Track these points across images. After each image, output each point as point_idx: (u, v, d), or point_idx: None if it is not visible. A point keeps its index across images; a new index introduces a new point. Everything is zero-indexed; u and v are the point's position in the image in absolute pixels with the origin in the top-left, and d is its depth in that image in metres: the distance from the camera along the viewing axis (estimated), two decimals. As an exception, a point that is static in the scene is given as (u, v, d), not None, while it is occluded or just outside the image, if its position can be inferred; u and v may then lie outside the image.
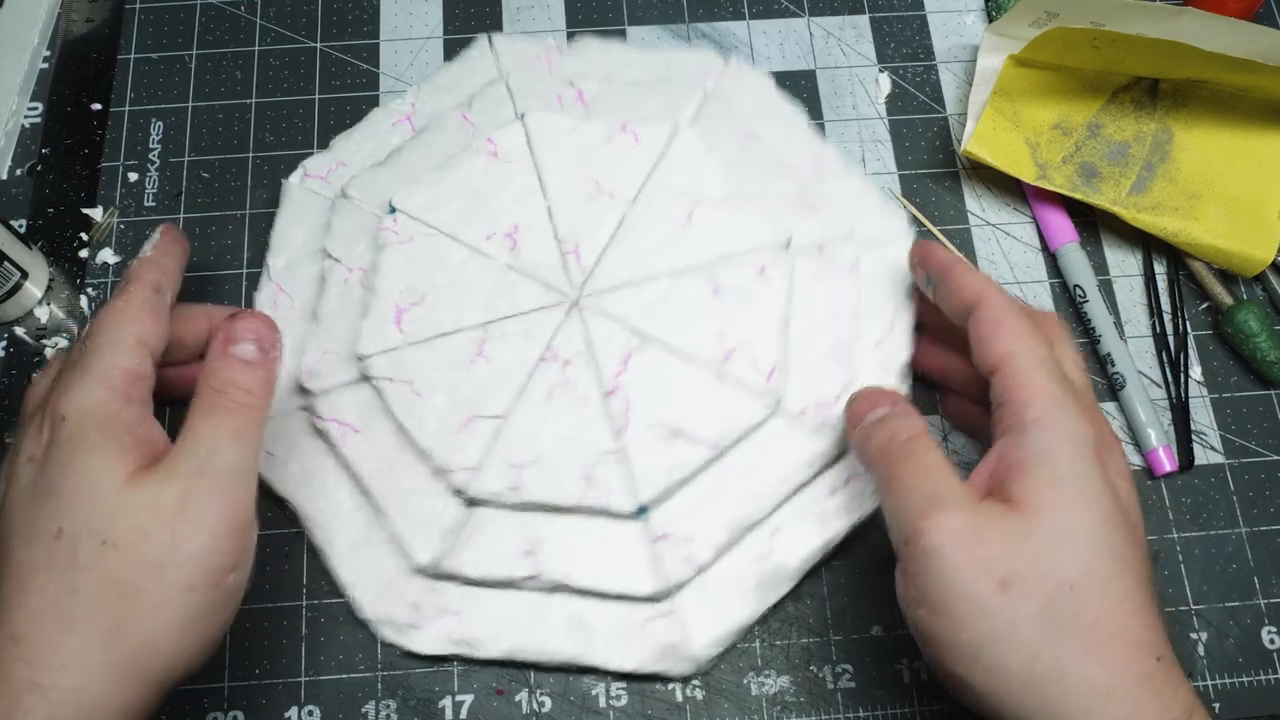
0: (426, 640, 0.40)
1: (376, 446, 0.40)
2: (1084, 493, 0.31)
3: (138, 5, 0.52)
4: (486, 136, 0.43)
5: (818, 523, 0.40)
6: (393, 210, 0.42)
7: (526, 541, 0.39)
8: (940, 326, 0.40)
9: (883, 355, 0.42)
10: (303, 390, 0.41)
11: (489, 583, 0.40)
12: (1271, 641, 0.42)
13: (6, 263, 0.44)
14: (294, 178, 0.45)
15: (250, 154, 0.49)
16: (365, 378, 0.40)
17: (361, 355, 0.40)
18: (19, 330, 0.46)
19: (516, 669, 0.41)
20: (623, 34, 0.52)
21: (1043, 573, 0.30)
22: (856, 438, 0.36)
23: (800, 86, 0.51)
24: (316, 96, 0.50)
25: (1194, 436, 0.45)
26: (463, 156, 0.43)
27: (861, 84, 0.51)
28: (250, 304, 0.45)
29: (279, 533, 0.42)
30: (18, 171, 0.49)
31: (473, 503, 0.39)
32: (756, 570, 0.40)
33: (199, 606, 0.31)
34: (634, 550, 0.39)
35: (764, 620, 0.42)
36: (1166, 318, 0.46)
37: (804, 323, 0.41)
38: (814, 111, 0.50)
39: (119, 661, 0.30)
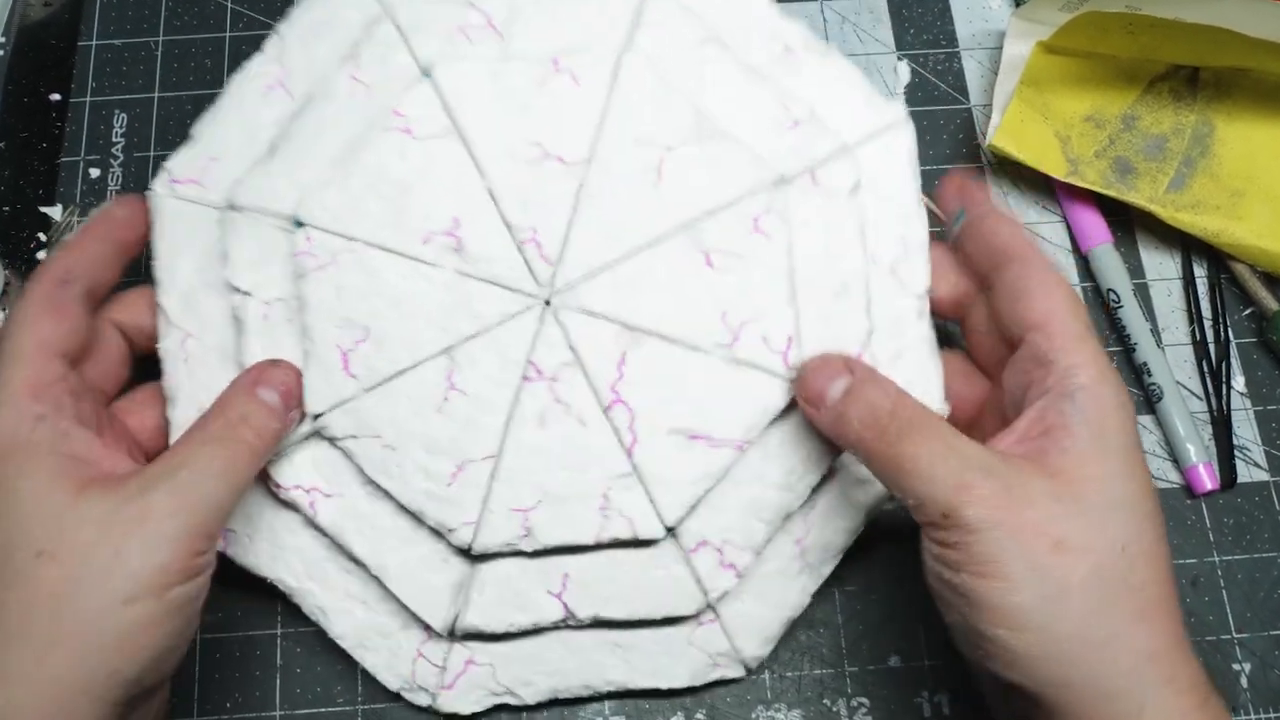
0: (461, 699, 0.39)
1: (354, 510, 0.37)
2: (1130, 463, 0.32)
3: (100, -12, 0.52)
4: (393, 108, 0.37)
5: (856, 486, 0.38)
6: (299, 224, 0.37)
7: (550, 582, 0.37)
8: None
9: (898, 282, 0.39)
10: None
11: (517, 633, 0.38)
12: (1322, 675, 0.42)
13: (-46, 267, 0.43)
14: (158, 185, 0.39)
15: (221, 148, 0.48)
16: (324, 437, 0.37)
17: (315, 414, 0.36)
18: (-29, 338, 0.44)
19: (556, 706, 0.40)
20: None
21: (1095, 535, 0.31)
22: (825, 420, 0.34)
23: (812, 75, 0.49)
24: (292, 86, 0.48)
25: (1237, 452, 0.44)
26: (370, 138, 0.37)
27: (879, 72, 0.50)
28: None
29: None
30: (-30, 167, 0.48)
31: (482, 558, 0.37)
32: (797, 552, 0.38)
33: (141, 619, 0.31)
34: (669, 569, 0.37)
35: (773, 649, 0.40)
36: (1207, 324, 0.46)
37: (808, 269, 0.38)
38: (827, 102, 0.50)
39: (54, 676, 0.30)
